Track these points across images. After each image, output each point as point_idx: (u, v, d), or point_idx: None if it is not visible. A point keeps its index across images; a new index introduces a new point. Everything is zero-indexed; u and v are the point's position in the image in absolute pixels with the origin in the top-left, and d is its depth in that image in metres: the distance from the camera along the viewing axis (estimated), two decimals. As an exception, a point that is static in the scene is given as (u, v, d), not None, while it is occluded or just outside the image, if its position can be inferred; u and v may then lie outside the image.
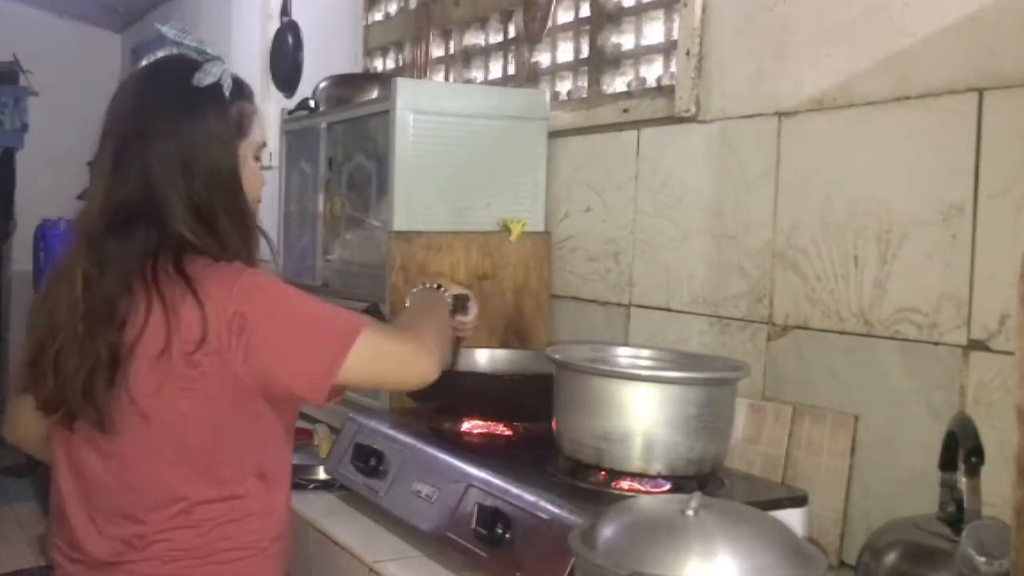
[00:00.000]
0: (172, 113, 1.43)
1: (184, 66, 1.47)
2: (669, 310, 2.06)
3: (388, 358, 1.46)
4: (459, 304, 1.81)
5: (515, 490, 1.52)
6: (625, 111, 2.21)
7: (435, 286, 1.79)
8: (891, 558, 1.31)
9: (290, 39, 3.95)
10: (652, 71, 2.26)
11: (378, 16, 3.45)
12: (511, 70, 2.73)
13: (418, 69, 3.07)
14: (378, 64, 3.44)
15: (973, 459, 1.26)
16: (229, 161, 1.45)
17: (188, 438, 1.38)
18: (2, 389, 5.64)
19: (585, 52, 2.44)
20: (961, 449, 1.29)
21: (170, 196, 1.40)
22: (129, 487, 1.40)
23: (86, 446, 1.41)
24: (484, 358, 2.11)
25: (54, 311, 1.40)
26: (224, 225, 1.44)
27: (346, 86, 2.66)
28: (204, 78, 1.44)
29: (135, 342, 1.35)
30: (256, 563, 1.44)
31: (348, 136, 2.50)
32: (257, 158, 1.53)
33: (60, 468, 1.46)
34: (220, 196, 1.43)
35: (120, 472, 1.40)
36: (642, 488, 1.51)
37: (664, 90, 2.16)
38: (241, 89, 1.50)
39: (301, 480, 2.01)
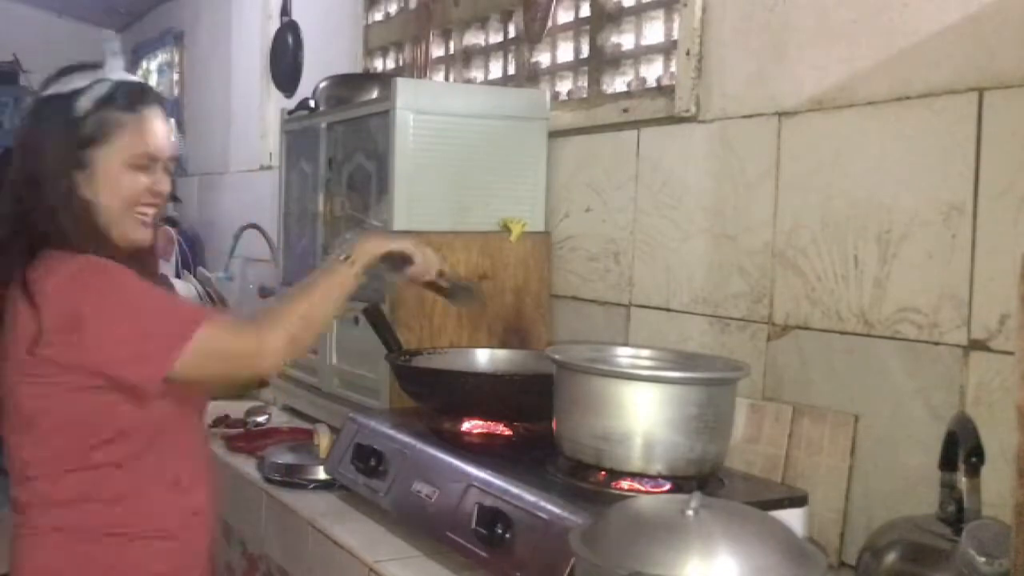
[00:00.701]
0: (24, 127, 1.64)
1: (35, 98, 1.65)
2: (669, 310, 2.06)
3: (225, 356, 1.55)
4: (393, 262, 1.74)
5: (515, 490, 1.52)
6: (625, 111, 2.21)
7: (343, 257, 1.69)
8: (891, 558, 1.31)
9: (290, 39, 3.95)
10: (652, 71, 2.26)
11: (378, 16, 3.45)
12: (511, 70, 2.73)
13: (418, 69, 3.07)
14: (378, 64, 3.44)
15: (973, 459, 1.26)
16: (66, 165, 1.56)
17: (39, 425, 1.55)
18: None
19: (585, 52, 2.44)
20: (961, 449, 1.29)
21: (27, 209, 1.56)
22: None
23: None
24: (484, 358, 2.12)
25: None
26: (75, 235, 1.55)
27: (346, 86, 2.66)
28: (61, 89, 1.60)
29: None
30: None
31: (348, 136, 2.50)
32: (138, 166, 1.60)
33: None
34: (64, 210, 1.55)
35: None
36: (642, 488, 1.51)
37: (664, 90, 2.16)
38: (116, 99, 1.59)
39: (301, 480, 2.01)
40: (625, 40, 2.34)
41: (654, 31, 2.26)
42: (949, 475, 1.34)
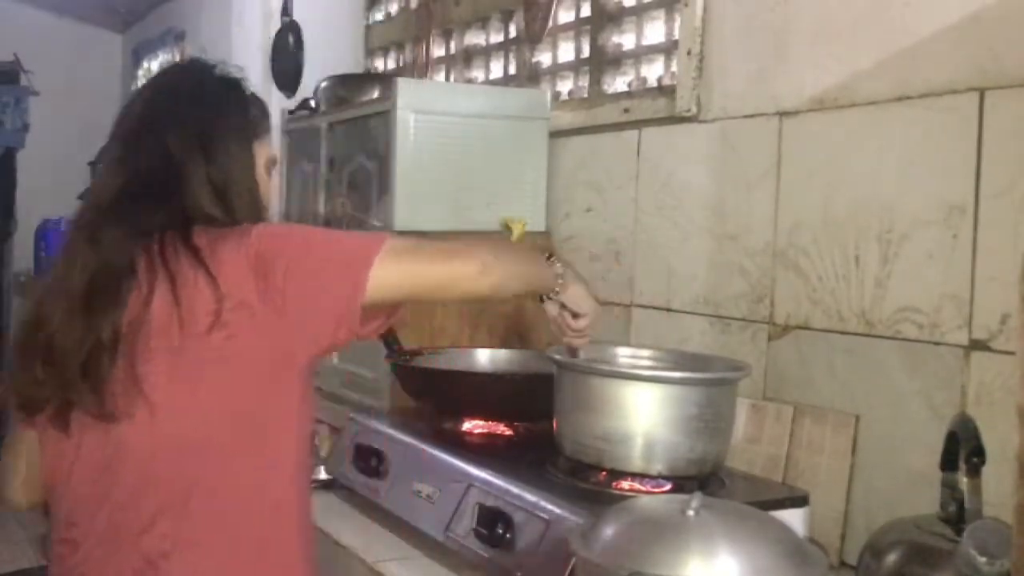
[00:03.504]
0: (194, 101, 1.42)
1: (203, 64, 1.47)
2: (670, 310, 2.06)
3: (427, 254, 1.34)
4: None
5: (516, 490, 1.52)
6: (626, 111, 2.21)
7: (547, 256, 1.55)
8: (892, 558, 1.31)
9: (291, 39, 3.94)
10: (653, 71, 2.26)
11: (379, 16, 3.45)
12: (512, 70, 2.73)
13: (419, 69, 3.07)
14: (379, 64, 3.45)
15: (974, 459, 1.26)
16: (245, 153, 1.42)
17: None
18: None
19: (586, 52, 2.44)
20: (962, 449, 1.29)
21: (188, 173, 1.35)
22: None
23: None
24: (484, 358, 2.11)
25: (45, 299, 1.33)
26: (240, 210, 1.38)
27: (347, 86, 2.66)
28: (229, 71, 1.46)
29: (140, 321, 1.26)
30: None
31: (349, 136, 2.50)
32: (267, 171, 1.48)
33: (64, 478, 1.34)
34: (236, 183, 1.39)
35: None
36: (643, 488, 1.51)
37: (665, 90, 2.16)
38: (259, 101, 1.50)
39: (302, 480, 2.01)
40: (626, 40, 2.34)
41: (655, 31, 2.26)
42: (950, 475, 1.34)
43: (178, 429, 1.27)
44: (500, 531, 1.47)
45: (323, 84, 2.71)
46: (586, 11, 2.45)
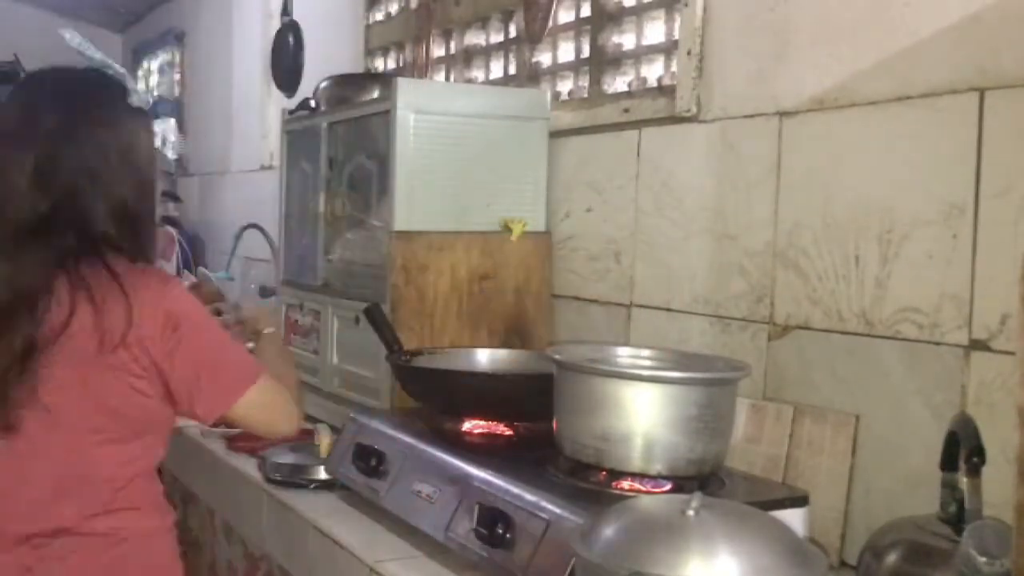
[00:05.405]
0: (109, 125, 1.54)
1: (112, 83, 1.59)
2: (670, 310, 2.06)
3: (275, 407, 1.62)
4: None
5: (516, 490, 1.52)
6: (626, 111, 2.21)
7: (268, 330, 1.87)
8: (892, 558, 1.31)
9: (291, 39, 3.94)
10: (653, 71, 2.26)
11: (379, 16, 3.45)
12: (512, 70, 2.73)
13: (419, 69, 3.07)
14: (379, 64, 3.44)
15: (974, 459, 1.26)
16: (151, 174, 1.61)
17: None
18: None
19: (586, 52, 2.44)
20: (962, 449, 1.29)
21: (97, 201, 1.50)
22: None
23: None
24: (485, 358, 2.11)
25: None
26: (146, 231, 1.57)
27: (347, 86, 2.66)
28: (136, 100, 1.58)
29: (56, 335, 1.43)
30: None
31: (349, 136, 2.50)
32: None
33: None
34: (144, 205, 1.57)
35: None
36: (643, 488, 1.51)
37: (665, 90, 2.16)
38: (153, 114, 1.65)
39: (302, 480, 2.01)
40: (626, 40, 2.34)
41: (655, 31, 2.26)
42: (950, 475, 1.34)
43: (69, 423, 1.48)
44: (500, 531, 1.47)
45: (323, 84, 2.71)
46: (586, 11, 2.45)
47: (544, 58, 2.61)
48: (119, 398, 1.47)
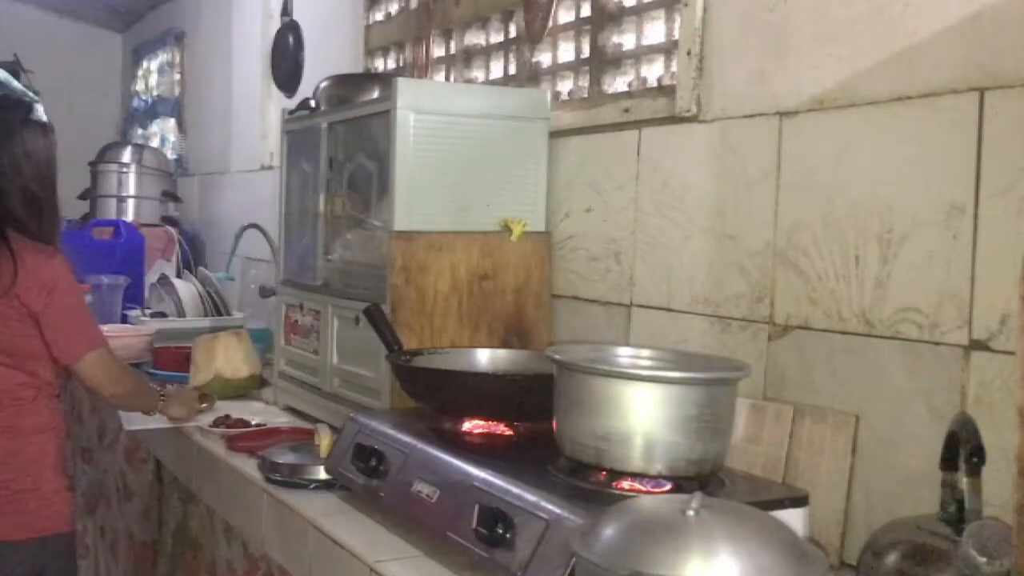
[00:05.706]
0: (19, 134, 2.21)
1: (20, 103, 2.25)
2: (670, 310, 2.06)
3: (110, 372, 2.27)
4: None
5: (516, 490, 1.52)
6: (626, 111, 2.21)
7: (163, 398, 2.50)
8: (892, 558, 1.31)
9: (291, 39, 3.95)
10: (653, 71, 2.26)
11: (379, 16, 3.45)
12: (512, 70, 2.73)
13: (419, 69, 3.07)
14: (379, 64, 3.44)
15: (974, 459, 1.26)
16: (53, 171, 2.25)
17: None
18: None
19: (586, 52, 2.44)
20: (962, 449, 1.29)
21: (10, 186, 2.17)
22: None
23: None
24: (484, 358, 2.11)
25: None
26: (48, 215, 2.22)
27: (347, 86, 2.66)
28: (40, 116, 2.24)
29: None
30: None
31: (349, 136, 2.50)
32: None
33: None
34: (47, 194, 2.23)
35: None
36: (643, 488, 1.51)
37: (665, 90, 2.16)
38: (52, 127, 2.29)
39: (301, 480, 2.01)
40: (626, 40, 2.34)
41: (655, 31, 2.26)
42: (950, 475, 1.34)
43: None
44: (500, 531, 1.47)
45: (323, 84, 2.71)
46: (586, 11, 2.45)
47: (544, 58, 2.60)
48: (7, 336, 2.14)
